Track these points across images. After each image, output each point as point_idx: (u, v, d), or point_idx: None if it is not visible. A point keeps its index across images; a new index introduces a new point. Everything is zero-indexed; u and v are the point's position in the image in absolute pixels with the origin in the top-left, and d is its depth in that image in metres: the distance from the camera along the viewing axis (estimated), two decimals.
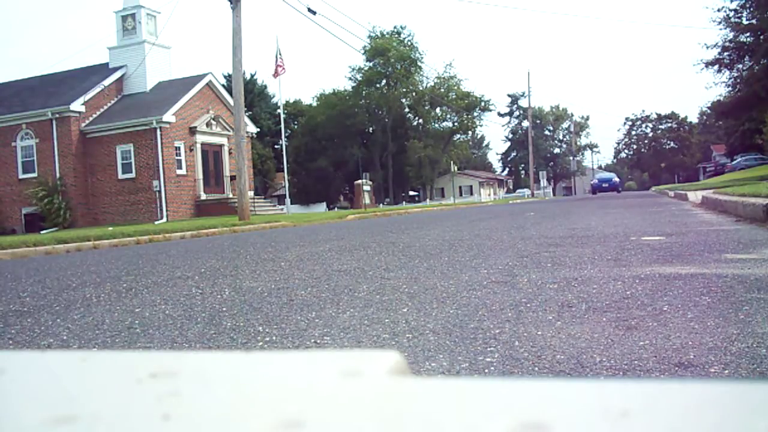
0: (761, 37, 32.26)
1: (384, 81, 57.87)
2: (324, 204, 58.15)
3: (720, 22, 34.14)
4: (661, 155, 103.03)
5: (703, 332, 2.09)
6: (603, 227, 7.35)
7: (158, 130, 26.11)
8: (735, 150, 51.17)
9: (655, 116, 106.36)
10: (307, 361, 0.36)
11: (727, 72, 36.14)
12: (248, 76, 55.08)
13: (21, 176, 27.34)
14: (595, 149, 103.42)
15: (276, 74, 29.16)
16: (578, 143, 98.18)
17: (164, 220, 24.96)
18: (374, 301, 3.15)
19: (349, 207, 46.26)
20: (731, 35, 34.36)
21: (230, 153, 28.97)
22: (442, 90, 60.84)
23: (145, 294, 3.94)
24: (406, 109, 60.95)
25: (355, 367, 0.33)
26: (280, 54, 29.21)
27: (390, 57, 55.86)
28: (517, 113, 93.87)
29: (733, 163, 46.34)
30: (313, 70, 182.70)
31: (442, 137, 62.80)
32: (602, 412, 0.26)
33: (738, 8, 33.75)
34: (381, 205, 44.17)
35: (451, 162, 44.37)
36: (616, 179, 42.31)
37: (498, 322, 2.47)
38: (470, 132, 69.78)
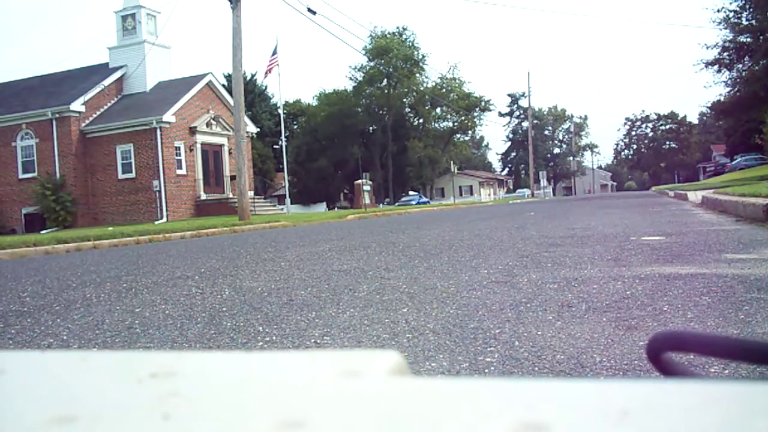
0: (761, 37, 32.28)
1: (385, 81, 57.79)
2: (324, 204, 58.12)
3: (720, 23, 34.18)
4: (661, 155, 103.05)
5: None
6: (603, 227, 7.35)
7: (158, 130, 26.10)
8: (735, 150, 51.15)
9: (655, 116, 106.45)
10: (307, 361, 0.36)
11: (727, 72, 36.18)
12: (248, 76, 55.00)
13: (21, 176, 27.33)
14: (594, 149, 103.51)
15: (268, 72, 29.44)
16: (578, 144, 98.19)
17: (164, 220, 24.96)
18: (374, 301, 3.15)
19: (349, 207, 46.22)
20: (731, 36, 34.39)
21: (230, 153, 28.96)
22: (444, 90, 60.78)
23: (145, 294, 3.94)
24: (407, 109, 60.90)
25: (355, 367, 0.33)
26: (275, 52, 29.37)
27: (392, 57, 55.75)
28: (517, 113, 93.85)
29: (733, 163, 46.31)
30: (313, 70, 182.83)
31: (443, 137, 62.78)
32: (602, 412, 0.26)
33: (738, 9, 33.79)
34: (381, 205, 44.15)
35: (451, 162, 44.36)
36: (424, 198, 54.50)
37: (498, 322, 2.46)
38: (470, 132, 69.77)
